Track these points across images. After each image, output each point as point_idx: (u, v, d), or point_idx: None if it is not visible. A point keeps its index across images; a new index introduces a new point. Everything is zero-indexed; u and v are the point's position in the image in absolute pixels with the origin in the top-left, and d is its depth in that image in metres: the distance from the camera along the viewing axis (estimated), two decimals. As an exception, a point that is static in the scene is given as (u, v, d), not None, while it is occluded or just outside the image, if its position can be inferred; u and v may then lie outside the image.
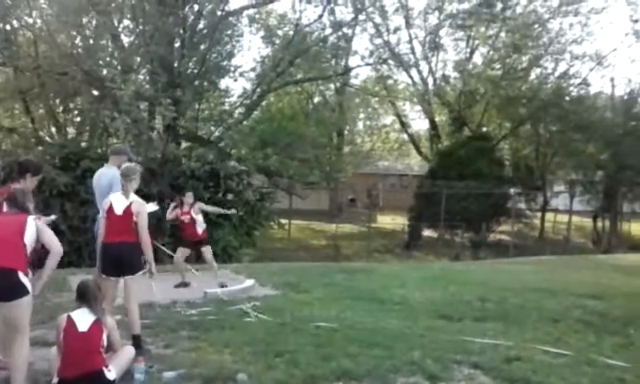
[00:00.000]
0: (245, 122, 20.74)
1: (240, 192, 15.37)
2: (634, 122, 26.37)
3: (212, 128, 19.59)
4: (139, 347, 5.16)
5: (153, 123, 16.07)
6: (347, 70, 24.90)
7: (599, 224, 28.03)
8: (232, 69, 19.00)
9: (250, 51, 48.57)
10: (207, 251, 9.02)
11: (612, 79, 31.10)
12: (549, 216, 28.92)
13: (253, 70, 20.71)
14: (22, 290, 4.15)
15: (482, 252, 20.97)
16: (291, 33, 20.21)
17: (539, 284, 10.01)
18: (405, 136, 32.75)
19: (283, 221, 20.40)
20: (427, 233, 25.11)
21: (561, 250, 22.52)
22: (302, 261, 16.70)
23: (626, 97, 27.84)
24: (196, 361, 5.15)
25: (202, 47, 17.04)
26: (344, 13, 22.02)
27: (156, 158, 14.54)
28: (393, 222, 28.03)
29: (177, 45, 16.40)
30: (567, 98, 27.04)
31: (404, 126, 31.75)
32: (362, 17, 22.87)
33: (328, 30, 21.05)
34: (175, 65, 16.06)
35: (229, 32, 18.28)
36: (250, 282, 8.80)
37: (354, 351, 5.49)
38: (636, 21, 26.07)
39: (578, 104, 26.62)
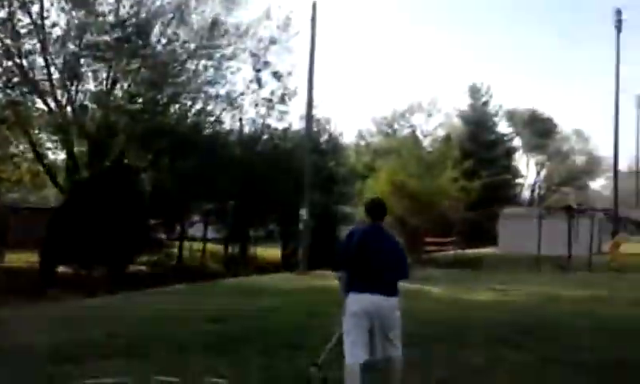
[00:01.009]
0: None
1: None
2: (257, 158, 30.16)
3: None
4: None
5: None
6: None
7: (230, 250, 31.02)
8: None
9: None
10: None
11: (240, 119, 34.56)
12: (187, 245, 30.61)
13: None
14: None
15: (122, 285, 20.94)
16: None
17: (174, 313, 10.72)
18: (40, 166, 30.44)
19: None
20: (63, 269, 23.82)
21: (199, 277, 23.97)
22: None
23: (251, 135, 31.69)
24: None
25: None
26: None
27: None
28: (24, 259, 25.79)
29: None
30: (204, 134, 29.38)
31: (39, 155, 29.52)
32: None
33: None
34: None
35: None
36: None
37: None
38: (258, 70, 29.92)
39: (213, 140, 29.21)
